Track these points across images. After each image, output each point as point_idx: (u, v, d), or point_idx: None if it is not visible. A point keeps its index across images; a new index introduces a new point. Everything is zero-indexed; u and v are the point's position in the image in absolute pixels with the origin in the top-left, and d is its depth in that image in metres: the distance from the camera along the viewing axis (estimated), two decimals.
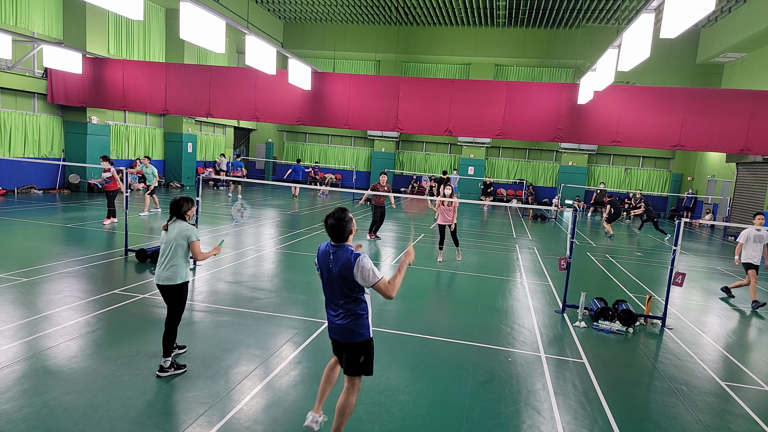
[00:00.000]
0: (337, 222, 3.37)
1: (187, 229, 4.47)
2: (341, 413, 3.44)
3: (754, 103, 13.37)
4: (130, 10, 7.88)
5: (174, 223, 4.50)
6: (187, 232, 4.45)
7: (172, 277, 4.42)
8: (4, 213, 11.96)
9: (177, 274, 4.44)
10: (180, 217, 4.51)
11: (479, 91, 15.04)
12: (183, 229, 4.45)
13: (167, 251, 4.44)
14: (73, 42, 16.47)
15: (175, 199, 4.55)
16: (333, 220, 3.39)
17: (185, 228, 4.47)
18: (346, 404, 3.45)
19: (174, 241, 4.42)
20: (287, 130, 29.94)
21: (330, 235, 3.42)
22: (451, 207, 10.01)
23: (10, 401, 3.79)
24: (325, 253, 3.46)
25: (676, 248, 6.75)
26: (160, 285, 4.47)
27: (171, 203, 4.53)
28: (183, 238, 4.43)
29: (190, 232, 4.47)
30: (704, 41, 22.05)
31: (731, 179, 20.66)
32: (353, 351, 3.44)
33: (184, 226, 4.48)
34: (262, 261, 9.15)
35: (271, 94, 15.77)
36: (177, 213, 4.52)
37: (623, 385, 4.93)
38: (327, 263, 3.42)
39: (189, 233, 4.46)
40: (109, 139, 18.44)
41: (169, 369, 4.40)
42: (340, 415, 3.44)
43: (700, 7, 6.22)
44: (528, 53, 25.21)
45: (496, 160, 27.97)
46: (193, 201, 4.62)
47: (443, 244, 10.26)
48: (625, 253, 12.90)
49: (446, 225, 10.15)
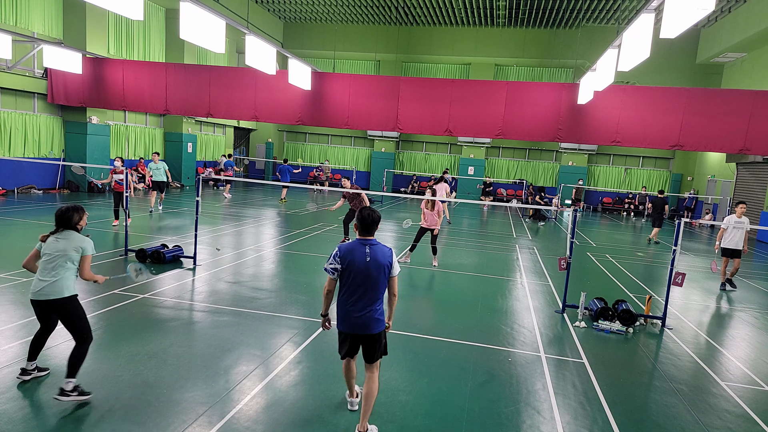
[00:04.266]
0: (374, 213, 3.64)
1: (82, 240, 4.03)
2: (371, 396, 3.65)
3: (754, 103, 13.36)
4: (130, 10, 7.88)
5: (63, 234, 3.99)
6: (82, 243, 4.01)
7: (56, 291, 3.90)
8: (4, 213, 11.96)
9: (63, 286, 3.94)
10: (71, 228, 4.04)
11: (479, 91, 15.04)
12: (78, 240, 4.00)
13: (52, 263, 3.92)
14: (73, 42, 16.48)
15: (63, 209, 4.02)
16: (369, 211, 3.64)
17: (80, 240, 4.02)
18: (374, 387, 3.67)
19: (63, 253, 3.93)
20: (287, 130, 29.94)
21: (365, 228, 3.61)
22: (435, 211, 9.43)
23: (10, 401, 3.80)
24: (356, 249, 3.56)
25: (676, 248, 6.75)
26: (41, 301, 3.92)
27: (58, 213, 4.01)
28: (76, 250, 3.98)
29: (86, 245, 4.03)
30: (704, 41, 22.05)
31: (731, 179, 20.67)
32: (379, 339, 3.69)
33: (79, 238, 4.03)
34: (261, 261, 9.15)
35: (271, 94, 15.77)
36: (67, 224, 4.02)
37: (623, 385, 4.94)
38: (363, 258, 3.53)
39: (85, 246, 4.02)
40: (109, 139, 18.44)
41: (72, 392, 3.82)
42: (370, 399, 3.64)
43: (700, 7, 6.22)
44: (528, 53, 25.22)
45: (496, 160, 27.97)
46: (84, 210, 4.16)
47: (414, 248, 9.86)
48: (625, 253, 12.90)
49: (429, 229, 9.58)
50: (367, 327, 3.59)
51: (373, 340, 3.65)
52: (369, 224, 3.59)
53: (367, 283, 3.53)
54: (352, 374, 3.92)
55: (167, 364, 4.63)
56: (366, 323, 3.57)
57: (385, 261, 3.56)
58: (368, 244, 3.57)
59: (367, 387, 3.66)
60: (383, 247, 3.63)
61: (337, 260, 3.57)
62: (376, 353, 3.69)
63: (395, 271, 3.64)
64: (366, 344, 3.68)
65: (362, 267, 3.51)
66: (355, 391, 4.01)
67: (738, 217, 9.15)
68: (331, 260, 3.59)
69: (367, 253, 3.53)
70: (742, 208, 9.20)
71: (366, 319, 3.56)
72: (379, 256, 3.55)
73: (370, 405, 3.64)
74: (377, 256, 3.55)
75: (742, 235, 9.17)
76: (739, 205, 9.25)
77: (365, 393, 3.64)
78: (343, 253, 3.55)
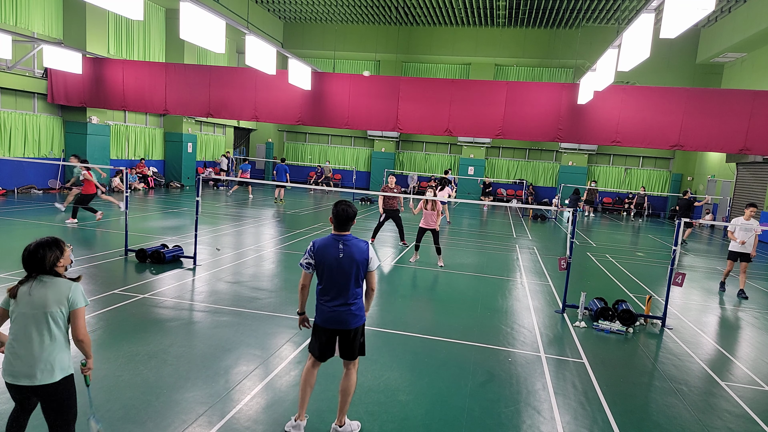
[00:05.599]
0: (349, 208, 3.56)
1: (68, 289, 2.77)
2: (348, 393, 3.64)
3: (754, 103, 13.36)
4: (130, 10, 7.88)
5: (39, 283, 2.75)
6: (68, 293, 2.77)
7: (40, 372, 2.70)
8: (4, 213, 11.97)
9: (52, 364, 2.73)
10: (48, 272, 2.78)
11: (479, 91, 15.04)
12: (61, 289, 2.76)
13: (28, 328, 2.70)
14: (73, 42, 16.48)
15: (32, 247, 2.78)
16: (345, 206, 3.55)
17: (65, 289, 2.77)
18: (351, 384, 3.65)
19: (43, 311, 2.70)
20: (287, 130, 29.94)
21: (340, 223, 3.56)
22: (434, 212, 9.49)
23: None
24: (329, 245, 3.53)
25: (676, 248, 6.75)
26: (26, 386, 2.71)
27: (24, 254, 2.80)
28: (61, 304, 2.74)
29: (74, 294, 2.78)
30: (704, 41, 22.05)
31: (731, 179, 20.67)
32: (357, 335, 3.64)
33: (63, 285, 2.78)
34: (261, 261, 9.15)
35: (271, 94, 15.77)
36: (40, 268, 2.76)
37: (623, 385, 4.94)
38: (336, 254, 3.49)
39: (73, 296, 2.78)
40: (109, 139, 18.44)
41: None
42: (346, 395, 3.64)
43: (700, 7, 6.22)
44: (528, 53, 25.21)
45: (496, 160, 27.97)
46: (61, 244, 2.86)
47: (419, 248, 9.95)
48: (625, 253, 12.90)
49: (428, 229, 9.65)
50: (343, 322, 3.54)
51: (350, 335, 3.59)
52: (344, 220, 3.54)
53: (341, 279, 3.50)
54: (311, 382, 3.66)
55: (167, 364, 4.63)
56: (342, 318, 3.53)
57: (361, 257, 3.51)
58: (342, 240, 3.53)
59: (343, 383, 3.65)
60: (359, 243, 3.56)
61: (311, 255, 3.55)
62: (355, 350, 3.64)
63: (373, 265, 3.60)
64: (343, 340, 3.61)
65: (334, 263, 3.48)
66: (304, 413, 3.65)
67: (746, 219, 8.86)
68: (306, 255, 3.58)
69: (341, 249, 3.49)
70: (751, 210, 8.79)
71: (341, 313, 3.53)
72: (355, 252, 3.50)
73: (347, 401, 3.63)
74: (352, 251, 3.50)
75: (750, 238, 8.86)
76: (749, 208, 8.85)
77: (342, 389, 3.64)
78: (317, 248, 3.53)
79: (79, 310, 2.81)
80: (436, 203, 9.51)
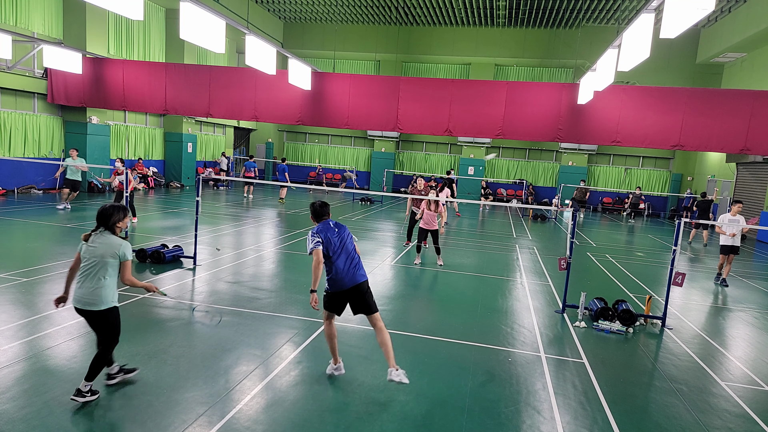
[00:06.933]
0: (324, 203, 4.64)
1: (119, 245, 3.77)
2: (386, 344, 4.28)
3: (754, 103, 13.36)
4: (130, 10, 7.88)
5: (100, 236, 3.77)
6: (119, 249, 3.76)
7: (95, 301, 3.73)
8: (4, 213, 11.96)
9: (101, 298, 3.74)
10: (108, 228, 3.80)
11: (479, 91, 15.03)
12: (114, 244, 3.76)
13: (90, 269, 3.73)
14: (73, 42, 16.48)
15: (105, 207, 3.81)
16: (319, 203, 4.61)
17: (117, 243, 3.77)
18: (386, 337, 4.31)
19: (100, 258, 3.71)
20: (287, 130, 29.94)
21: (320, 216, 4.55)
22: (436, 213, 9.46)
23: (10, 401, 3.79)
24: (333, 227, 4.47)
25: (676, 248, 6.75)
26: (80, 309, 3.77)
27: (99, 211, 3.81)
28: (112, 255, 3.74)
29: (123, 250, 3.77)
30: (704, 41, 22.05)
31: (731, 179, 20.67)
32: (368, 288, 4.44)
33: (115, 242, 3.77)
34: (261, 261, 9.15)
35: (271, 94, 15.77)
36: (104, 223, 3.78)
37: (623, 385, 4.94)
38: (342, 233, 4.47)
39: (122, 251, 3.77)
40: (109, 139, 18.44)
41: (87, 394, 3.78)
42: (387, 346, 4.28)
43: (700, 7, 6.22)
44: (528, 53, 25.21)
45: (496, 160, 27.97)
46: (126, 211, 3.91)
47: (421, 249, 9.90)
48: (625, 253, 12.90)
49: (429, 230, 9.62)
50: (355, 278, 4.33)
51: (363, 290, 4.35)
52: (320, 213, 4.54)
53: (345, 248, 4.39)
54: (333, 332, 4.48)
55: (167, 364, 4.63)
56: (354, 276, 4.34)
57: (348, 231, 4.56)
58: (329, 222, 4.51)
59: (379, 338, 4.31)
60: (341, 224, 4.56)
61: (317, 236, 4.31)
62: (371, 302, 4.38)
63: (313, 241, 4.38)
64: (358, 297, 4.34)
65: (340, 240, 4.40)
66: (338, 357, 4.57)
67: (733, 215, 9.68)
68: (312, 237, 4.31)
69: (332, 227, 4.45)
70: (738, 207, 9.74)
71: (354, 273, 4.35)
72: (347, 229, 4.56)
73: (389, 349, 4.27)
74: (342, 228, 4.51)
75: (738, 231, 9.62)
76: (735, 204, 9.78)
77: (381, 342, 4.30)
78: (327, 233, 4.37)
79: (126, 262, 3.80)
80: (439, 204, 9.54)
